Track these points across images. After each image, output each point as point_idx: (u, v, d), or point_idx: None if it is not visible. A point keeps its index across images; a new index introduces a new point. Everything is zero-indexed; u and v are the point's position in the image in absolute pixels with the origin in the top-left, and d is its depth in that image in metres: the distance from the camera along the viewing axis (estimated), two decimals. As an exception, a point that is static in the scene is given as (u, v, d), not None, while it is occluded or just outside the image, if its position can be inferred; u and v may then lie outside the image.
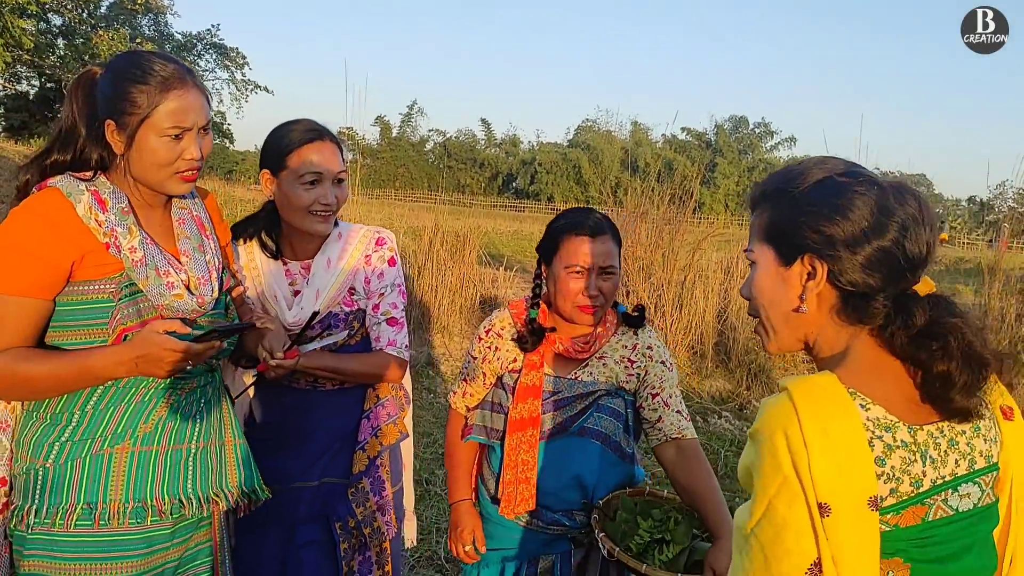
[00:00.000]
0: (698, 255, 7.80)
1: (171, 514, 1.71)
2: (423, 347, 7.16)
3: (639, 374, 2.11)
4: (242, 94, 38.13)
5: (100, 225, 1.64)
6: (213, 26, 38.49)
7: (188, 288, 1.74)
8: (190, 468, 1.76)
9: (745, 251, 1.31)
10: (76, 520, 1.63)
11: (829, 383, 1.10)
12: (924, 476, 1.09)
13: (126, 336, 1.63)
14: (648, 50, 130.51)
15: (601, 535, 1.88)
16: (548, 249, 2.11)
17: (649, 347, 2.14)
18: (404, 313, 2.24)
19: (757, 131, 59.89)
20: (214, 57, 37.43)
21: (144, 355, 1.59)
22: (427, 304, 7.47)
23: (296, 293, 2.13)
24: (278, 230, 2.17)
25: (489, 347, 2.19)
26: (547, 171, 57.80)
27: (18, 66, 23.02)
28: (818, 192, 1.18)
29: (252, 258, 2.17)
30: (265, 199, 2.17)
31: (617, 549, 1.83)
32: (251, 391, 2.16)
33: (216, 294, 1.81)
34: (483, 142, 64.15)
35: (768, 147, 59.42)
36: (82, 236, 1.62)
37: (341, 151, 2.10)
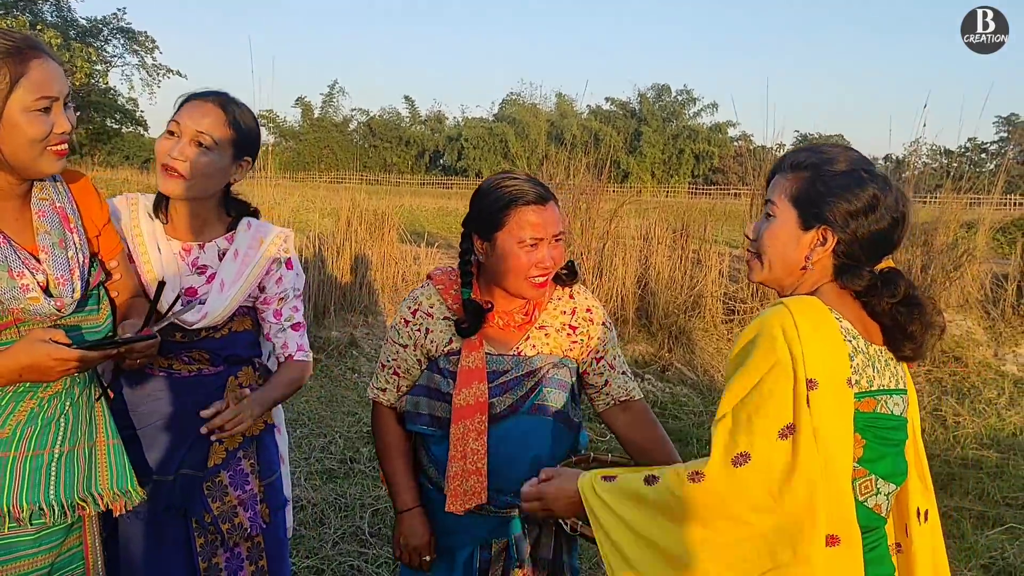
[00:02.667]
0: (616, 223, 7.90)
1: (30, 521, 1.63)
2: (345, 328, 7.11)
3: (582, 339, 2.02)
4: (154, 79, 36.96)
5: None
6: (119, 10, 37.14)
7: (46, 290, 1.63)
8: (52, 474, 1.67)
9: (767, 201, 1.59)
10: None
11: (815, 300, 1.48)
12: (874, 379, 1.48)
13: None
14: (570, 19, 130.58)
15: None
16: (488, 223, 1.92)
17: (588, 309, 2.05)
18: (303, 315, 2.18)
19: (680, 99, 60.45)
20: (122, 42, 36.17)
21: (30, 365, 1.52)
22: (348, 284, 7.42)
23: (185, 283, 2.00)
24: (164, 200, 2.03)
25: (419, 329, 2.00)
26: (474, 146, 57.51)
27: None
28: (846, 179, 1.50)
29: (136, 223, 2.01)
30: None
31: (580, 524, 1.70)
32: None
33: (77, 295, 1.68)
34: (408, 120, 63.40)
35: (691, 114, 60.11)
36: None
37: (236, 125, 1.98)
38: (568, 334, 2.01)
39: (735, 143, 56.77)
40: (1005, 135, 54.69)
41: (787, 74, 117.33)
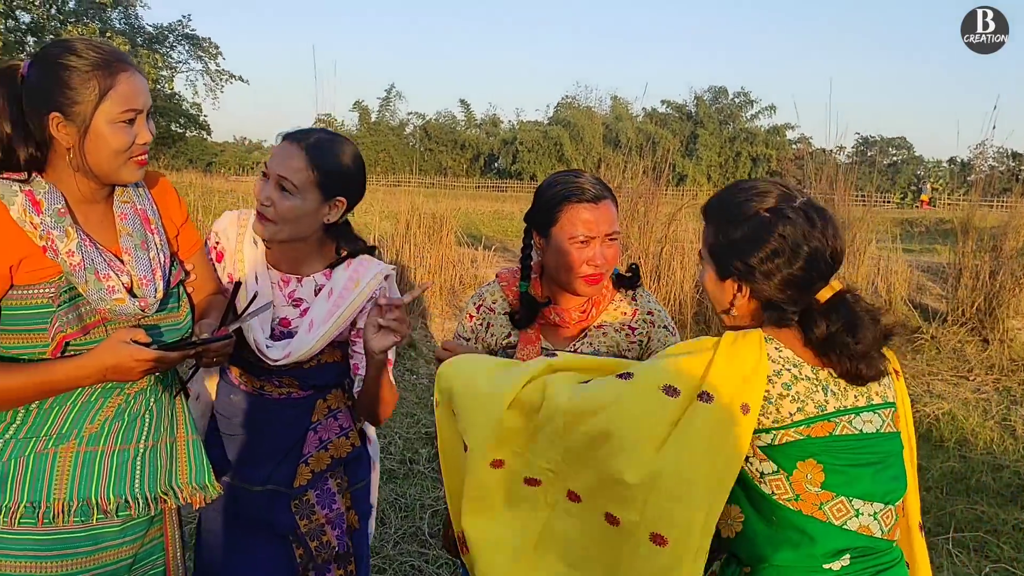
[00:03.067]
0: (674, 226, 7.85)
1: (116, 513, 1.69)
2: (404, 330, 7.20)
3: (641, 341, 2.02)
4: (217, 84, 37.78)
5: (35, 228, 1.59)
6: (184, 16, 38.00)
7: (130, 291, 1.68)
8: (137, 468, 1.73)
9: (699, 252, 1.66)
10: (20, 519, 1.61)
11: (754, 333, 1.52)
12: (827, 403, 1.48)
13: (67, 343, 1.60)
14: (626, 21, 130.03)
15: None
16: (544, 219, 1.97)
17: (649, 312, 2.06)
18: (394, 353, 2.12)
19: (737, 101, 59.71)
20: (187, 48, 37.03)
21: (114, 366, 1.57)
22: (406, 287, 7.51)
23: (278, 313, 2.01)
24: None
25: (481, 324, 2.09)
26: (528, 150, 57.57)
27: (-13, 65, 22.78)
28: (747, 228, 1.52)
29: (241, 248, 2.02)
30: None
31: None
32: (210, 386, 2.12)
33: (160, 295, 1.73)
34: (463, 123, 63.75)
35: (748, 116, 59.32)
36: (18, 240, 1.58)
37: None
38: (627, 334, 2.02)
39: (794, 146, 55.86)
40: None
41: (850, 75, 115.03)
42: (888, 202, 38.34)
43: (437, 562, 3.56)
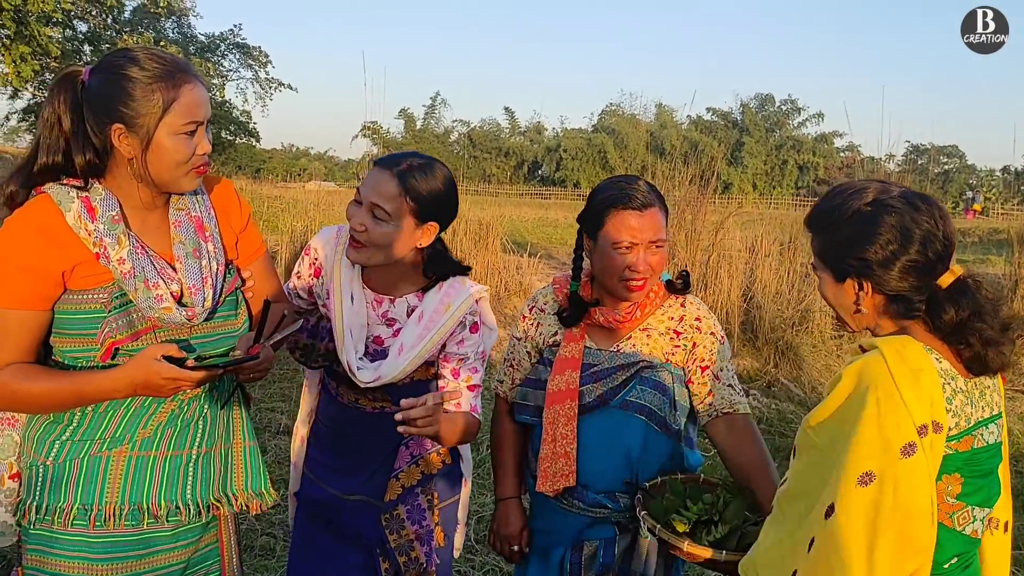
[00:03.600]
0: (721, 235, 7.78)
1: (167, 519, 1.69)
2: (449, 336, 7.23)
3: (686, 346, 2.01)
4: (267, 92, 38.38)
5: (89, 234, 1.59)
6: (235, 26, 38.85)
7: (179, 299, 1.68)
8: (190, 474, 1.73)
9: (812, 264, 1.64)
10: (72, 520, 1.63)
11: (909, 342, 1.46)
12: (972, 415, 1.47)
13: (116, 349, 1.61)
14: (670, 29, 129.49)
15: (643, 512, 1.80)
16: (592, 223, 2.00)
17: (697, 318, 2.04)
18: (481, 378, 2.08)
19: (784, 108, 59.04)
20: (237, 57, 37.69)
21: (144, 382, 1.56)
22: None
23: (369, 332, 2.02)
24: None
25: (532, 324, 2.15)
26: (572, 157, 57.57)
27: (46, 74, 23.37)
28: (852, 225, 1.50)
29: (337, 264, 2.02)
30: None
31: (658, 526, 1.75)
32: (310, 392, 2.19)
33: (208, 304, 1.71)
34: (507, 131, 63.99)
35: (795, 124, 58.62)
36: (72, 246, 1.58)
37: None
38: (671, 338, 2.02)
39: (842, 154, 55.04)
40: None
41: (899, 83, 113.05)
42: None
43: (483, 568, 3.56)
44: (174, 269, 1.69)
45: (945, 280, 1.49)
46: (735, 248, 8.00)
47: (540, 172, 62.85)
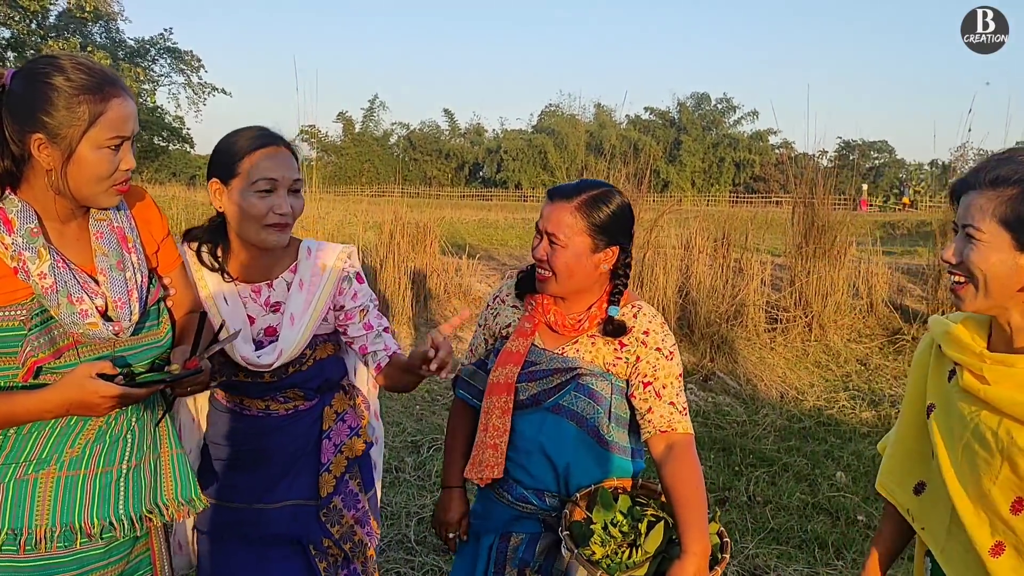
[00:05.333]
0: (656, 232, 7.91)
1: (100, 536, 1.65)
2: (389, 339, 7.21)
3: (628, 359, 2.00)
4: (199, 97, 37.74)
5: (6, 248, 1.53)
6: (166, 30, 38.05)
7: (104, 313, 1.62)
8: (121, 489, 1.69)
9: (967, 226, 1.45)
10: (1, 546, 1.57)
11: None
12: None
13: (39, 368, 1.55)
14: (609, 30, 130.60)
15: (565, 534, 1.81)
16: None
17: (645, 332, 2.01)
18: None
19: (720, 107, 60.11)
20: (169, 61, 37.02)
21: (78, 401, 1.51)
22: (391, 296, 7.52)
23: (251, 320, 2.02)
24: (224, 247, 2.04)
25: (491, 312, 2.19)
26: (513, 158, 57.72)
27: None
28: None
29: (200, 275, 2.02)
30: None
31: (575, 551, 1.75)
32: (209, 402, 2.12)
33: (135, 317, 1.67)
34: (447, 133, 63.89)
35: (732, 122, 59.71)
36: None
37: (296, 159, 2.00)
38: (615, 349, 2.01)
39: (776, 151, 56.22)
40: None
41: (829, 80, 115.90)
42: (871, 205, 38.64)
43: (423, 568, 3.58)
44: (96, 282, 1.64)
45: None
46: (670, 245, 8.14)
47: (481, 174, 62.85)
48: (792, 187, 8.79)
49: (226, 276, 2.02)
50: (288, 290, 2.05)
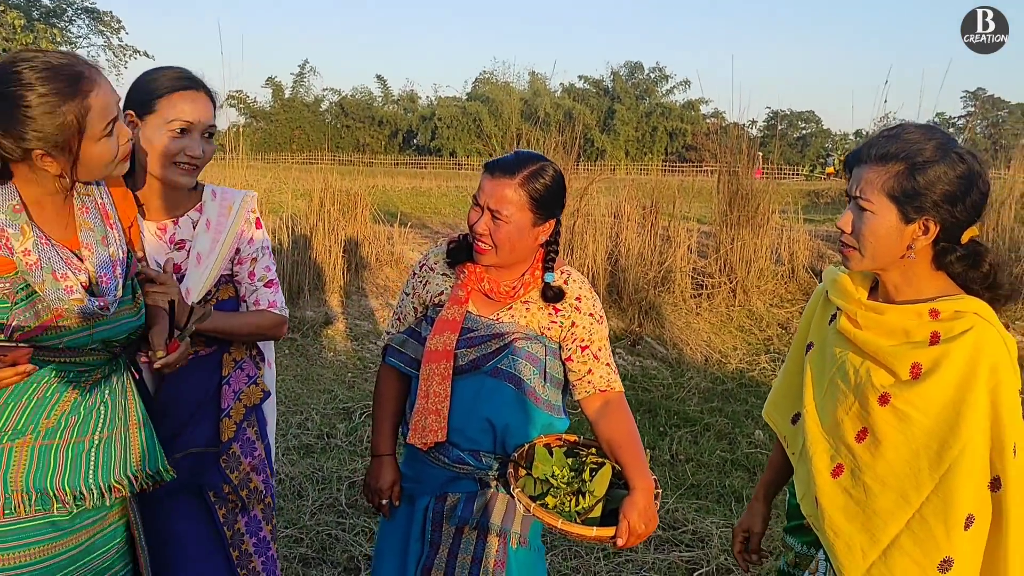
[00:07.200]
0: (586, 200, 8.01)
1: (74, 503, 1.69)
2: (320, 307, 7.19)
3: (563, 323, 2.10)
4: (120, 60, 36.41)
5: None
6: (84, -11, 36.47)
7: (89, 289, 1.65)
8: (92, 459, 1.73)
9: (858, 198, 1.62)
10: None
11: (987, 309, 1.60)
12: None
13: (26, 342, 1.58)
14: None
15: (517, 491, 1.91)
16: None
17: (578, 298, 2.11)
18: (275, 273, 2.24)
19: (652, 76, 60.55)
20: (87, 22, 35.62)
21: None
22: (322, 264, 7.48)
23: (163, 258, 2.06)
24: (132, 182, 2.04)
25: (420, 281, 2.20)
26: (447, 126, 57.25)
27: None
28: (941, 165, 1.54)
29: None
30: None
31: (533, 504, 1.87)
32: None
33: (120, 292, 1.71)
34: (380, 99, 62.93)
35: (664, 92, 60.24)
36: None
37: (214, 105, 2.04)
38: (550, 314, 2.10)
39: (708, 120, 57.02)
40: (972, 109, 55.37)
41: (753, 50, 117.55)
42: (797, 174, 39.56)
43: (354, 530, 3.64)
44: (80, 258, 1.67)
45: (968, 235, 1.60)
46: (600, 213, 8.26)
47: (415, 141, 62.25)
48: (721, 156, 8.98)
49: (141, 210, 2.06)
50: (194, 228, 2.10)
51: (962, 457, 1.54)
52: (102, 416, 1.75)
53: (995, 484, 1.56)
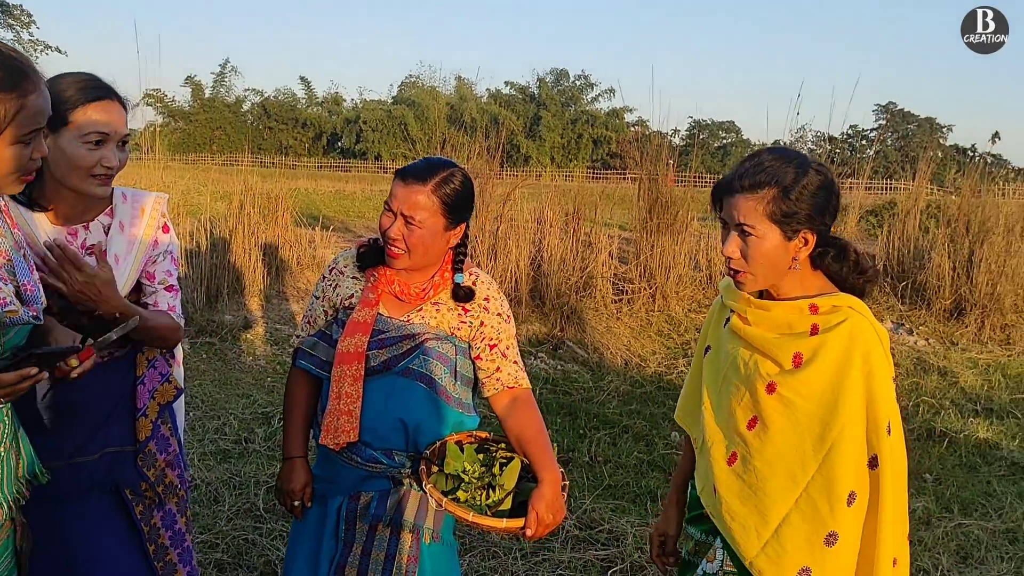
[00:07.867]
0: (509, 206, 8.08)
1: None
2: (239, 311, 7.08)
3: (472, 323, 2.15)
4: (31, 55, 35.05)
5: None
6: (-9, -19, 35.04)
7: (19, 299, 1.56)
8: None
9: (741, 225, 1.74)
10: None
11: (859, 303, 1.78)
12: None
13: None
14: (465, 1, 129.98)
15: (429, 487, 1.97)
16: None
17: (487, 298, 2.18)
18: (177, 279, 2.22)
19: (578, 84, 61.32)
20: (-5, 15, 34.17)
21: None
22: (241, 268, 7.36)
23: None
24: (40, 189, 2.00)
25: (330, 284, 2.21)
26: (373, 129, 56.83)
27: None
28: (804, 182, 1.70)
29: (32, 216, 1.99)
30: None
31: (445, 499, 1.93)
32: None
33: (44, 299, 1.63)
34: (304, 101, 62.12)
35: (589, 99, 61.04)
36: None
37: (126, 111, 2.01)
38: (459, 314, 2.15)
39: (632, 128, 57.97)
40: (883, 122, 57.74)
41: (675, 60, 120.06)
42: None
43: (271, 535, 3.61)
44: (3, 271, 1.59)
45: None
46: (523, 219, 8.34)
47: (340, 144, 61.58)
48: (643, 165, 9.17)
49: (50, 217, 2.03)
50: (106, 233, 2.09)
51: (842, 437, 1.68)
52: (3, 429, 1.67)
53: (873, 462, 1.70)
